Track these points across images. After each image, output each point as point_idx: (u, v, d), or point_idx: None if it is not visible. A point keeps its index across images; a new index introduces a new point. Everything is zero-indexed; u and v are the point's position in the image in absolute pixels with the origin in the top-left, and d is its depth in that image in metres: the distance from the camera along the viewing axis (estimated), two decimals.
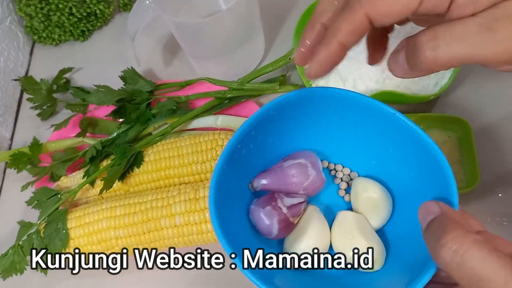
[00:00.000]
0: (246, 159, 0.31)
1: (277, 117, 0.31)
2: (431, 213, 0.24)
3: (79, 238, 0.43)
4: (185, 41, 0.51)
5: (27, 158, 0.49)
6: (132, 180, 0.47)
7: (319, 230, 0.30)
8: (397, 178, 0.32)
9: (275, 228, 0.29)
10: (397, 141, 0.31)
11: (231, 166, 0.29)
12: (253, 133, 0.31)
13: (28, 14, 0.60)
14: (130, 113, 0.49)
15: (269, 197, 0.30)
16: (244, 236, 0.30)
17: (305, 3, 0.52)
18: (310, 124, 0.33)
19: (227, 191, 0.29)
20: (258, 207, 0.30)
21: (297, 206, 0.30)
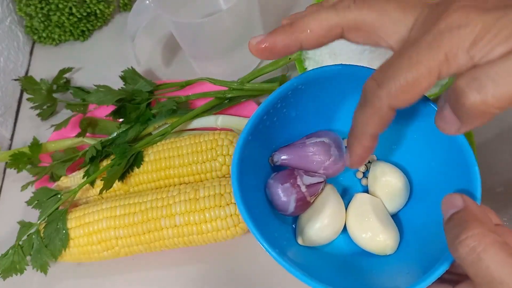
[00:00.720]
0: (269, 131, 0.30)
1: (304, 92, 0.30)
2: (455, 206, 0.24)
3: (79, 238, 0.43)
4: (185, 41, 0.51)
5: (27, 158, 0.49)
6: (132, 180, 0.47)
7: (335, 210, 0.30)
8: (418, 165, 0.31)
9: (291, 206, 0.29)
10: (422, 128, 0.30)
11: (255, 136, 0.29)
12: (279, 105, 0.30)
13: (28, 14, 0.60)
14: (130, 113, 0.49)
15: (288, 173, 0.30)
16: (261, 207, 0.29)
17: (305, 3, 0.52)
18: (335, 103, 0.32)
19: (249, 161, 0.28)
20: (276, 182, 0.29)
21: (315, 185, 0.29)
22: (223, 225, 0.41)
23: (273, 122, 0.31)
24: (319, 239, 0.30)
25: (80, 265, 0.48)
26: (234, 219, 0.40)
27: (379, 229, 0.30)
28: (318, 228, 0.30)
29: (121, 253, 0.44)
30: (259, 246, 0.46)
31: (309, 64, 0.51)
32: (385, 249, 0.30)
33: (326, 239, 0.31)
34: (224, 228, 0.41)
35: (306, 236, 0.30)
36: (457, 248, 0.23)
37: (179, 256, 0.46)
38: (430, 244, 0.27)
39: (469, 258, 0.22)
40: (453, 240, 0.23)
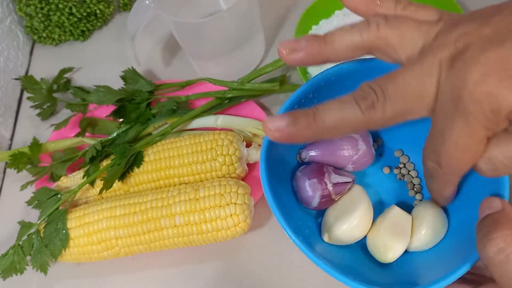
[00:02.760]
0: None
1: (336, 84, 0.30)
2: (492, 208, 0.25)
3: (79, 238, 0.43)
4: (185, 41, 0.51)
5: (27, 158, 0.49)
6: (132, 180, 0.47)
7: (365, 212, 0.30)
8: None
9: (315, 201, 0.29)
10: None
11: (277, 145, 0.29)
12: (311, 96, 0.30)
13: (28, 14, 0.60)
14: (130, 113, 0.49)
15: (317, 168, 0.30)
16: (286, 197, 0.30)
17: (305, 3, 0.52)
18: None
19: (276, 151, 0.29)
20: (304, 176, 0.29)
21: (343, 184, 0.29)
22: (223, 225, 0.41)
23: None
24: (346, 239, 0.30)
25: (80, 265, 0.48)
26: (234, 219, 0.40)
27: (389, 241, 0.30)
28: (346, 228, 0.30)
29: (121, 253, 0.44)
30: (260, 246, 0.46)
31: None
32: (385, 259, 0.30)
33: (353, 239, 0.31)
34: (224, 228, 0.41)
35: (333, 234, 0.30)
36: (485, 246, 0.23)
37: (179, 256, 0.46)
38: (456, 245, 0.27)
39: (496, 258, 0.22)
40: (483, 238, 0.23)
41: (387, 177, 0.33)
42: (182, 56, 0.59)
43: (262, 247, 0.45)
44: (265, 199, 0.46)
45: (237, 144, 0.45)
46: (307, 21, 0.52)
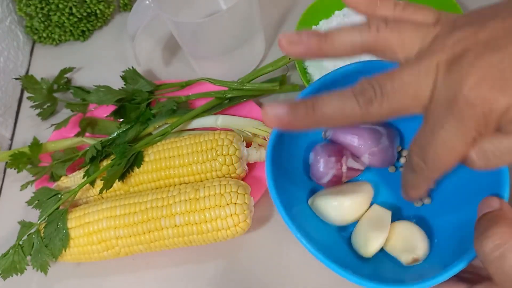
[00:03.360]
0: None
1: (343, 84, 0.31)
2: (490, 207, 0.25)
3: (79, 237, 0.43)
4: (185, 41, 0.51)
5: (27, 158, 0.49)
6: (132, 180, 0.47)
7: (358, 207, 0.31)
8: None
9: (326, 178, 0.31)
10: None
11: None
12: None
13: (28, 14, 0.60)
14: (130, 113, 0.50)
15: (338, 148, 0.31)
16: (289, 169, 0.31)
17: (305, 3, 0.52)
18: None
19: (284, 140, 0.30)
20: (323, 152, 0.30)
21: (355, 171, 0.31)
22: (223, 225, 0.41)
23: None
24: (327, 214, 0.31)
25: (80, 265, 0.48)
26: (234, 219, 0.40)
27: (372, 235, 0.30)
28: (335, 206, 0.31)
29: (121, 253, 0.44)
30: (260, 246, 0.46)
31: (309, 64, 0.51)
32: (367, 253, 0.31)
33: (333, 218, 0.31)
34: (224, 228, 0.41)
35: (319, 202, 0.31)
36: (482, 243, 0.23)
37: (179, 256, 0.46)
38: (454, 242, 0.27)
39: (492, 255, 0.23)
40: (480, 235, 0.24)
41: (391, 175, 0.33)
42: (182, 56, 0.59)
43: (262, 247, 0.45)
44: (264, 199, 0.46)
45: (237, 144, 0.45)
46: (307, 21, 0.52)
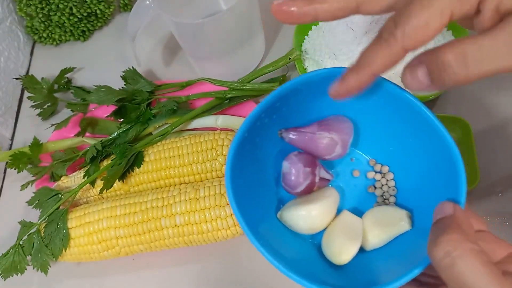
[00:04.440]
0: (268, 126, 0.32)
1: (304, 93, 0.31)
2: (443, 213, 0.25)
3: (80, 237, 0.43)
4: (185, 41, 0.51)
5: (27, 158, 0.49)
6: (133, 180, 0.47)
7: (326, 213, 0.31)
8: (410, 167, 0.32)
9: (300, 188, 0.31)
10: (417, 132, 0.31)
11: (252, 132, 0.30)
12: (278, 104, 0.31)
13: (29, 14, 0.60)
14: (131, 113, 0.50)
15: (311, 159, 0.31)
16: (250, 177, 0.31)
17: None
18: (335, 105, 0.31)
19: (246, 152, 0.30)
20: (299, 162, 0.31)
21: (325, 180, 0.31)
22: (223, 224, 0.41)
23: (272, 119, 0.32)
24: (296, 225, 0.31)
25: (81, 264, 0.48)
26: (234, 219, 0.40)
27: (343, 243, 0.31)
28: (302, 215, 0.31)
29: (121, 253, 0.44)
30: None
31: (309, 64, 0.51)
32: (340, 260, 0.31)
33: (303, 229, 0.31)
34: (224, 227, 0.41)
35: (287, 214, 0.31)
36: (433, 250, 0.23)
37: (179, 256, 0.46)
38: (414, 248, 0.27)
39: (443, 261, 0.23)
40: (432, 241, 0.24)
41: (355, 181, 0.34)
42: (182, 56, 0.59)
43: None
44: None
45: None
46: (305, 26, 0.52)
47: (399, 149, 0.32)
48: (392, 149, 0.33)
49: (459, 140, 0.45)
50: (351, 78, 0.27)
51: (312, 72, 0.30)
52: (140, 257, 0.47)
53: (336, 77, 0.28)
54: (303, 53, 0.51)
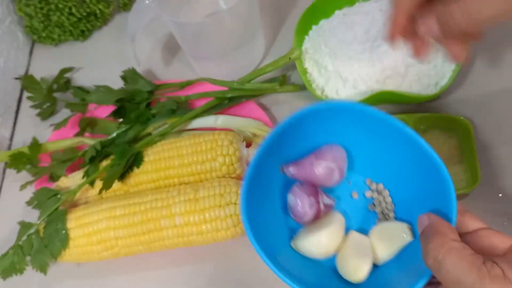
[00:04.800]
0: (271, 162, 0.34)
1: (299, 126, 0.34)
2: (422, 225, 0.29)
3: (79, 238, 0.43)
4: (185, 41, 0.51)
5: (26, 158, 0.49)
6: (132, 180, 0.47)
7: (335, 236, 0.33)
8: (402, 183, 0.34)
9: (307, 217, 0.33)
10: (404, 150, 0.33)
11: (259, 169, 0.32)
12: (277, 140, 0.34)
13: (28, 14, 0.60)
14: (130, 113, 0.49)
15: (313, 189, 0.33)
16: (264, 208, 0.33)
17: (305, 3, 0.52)
18: (327, 134, 0.35)
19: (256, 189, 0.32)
20: (303, 193, 0.33)
21: (329, 206, 0.33)
22: (223, 225, 0.41)
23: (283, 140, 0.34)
24: (310, 251, 0.33)
25: (80, 265, 0.48)
26: (234, 219, 0.40)
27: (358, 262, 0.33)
28: (313, 242, 0.33)
29: (121, 253, 0.44)
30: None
31: (309, 64, 0.51)
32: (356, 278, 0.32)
33: (317, 254, 0.33)
34: (224, 228, 0.41)
35: (300, 243, 0.34)
36: (425, 259, 0.27)
37: (179, 257, 0.46)
38: (419, 257, 0.29)
39: (434, 267, 0.26)
40: (423, 252, 0.27)
41: (356, 202, 0.36)
42: (182, 56, 0.59)
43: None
44: None
45: (237, 144, 0.45)
46: (307, 21, 0.52)
47: (390, 167, 0.35)
48: (384, 167, 0.35)
49: (459, 141, 0.45)
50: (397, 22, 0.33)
51: (305, 108, 0.33)
52: (140, 257, 0.47)
53: (327, 110, 0.32)
54: (304, 53, 0.51)
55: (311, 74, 0.50)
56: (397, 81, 0.46)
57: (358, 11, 0.47)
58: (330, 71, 0.48)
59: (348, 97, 0.48)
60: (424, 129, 0.46)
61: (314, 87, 0.50)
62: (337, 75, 0.48)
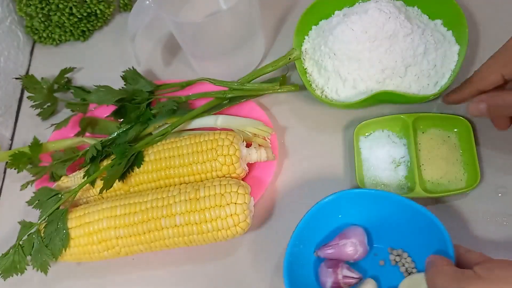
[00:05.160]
0: (302, 249, 0.42)
1: (320, 216, 0.42)
2: (426, 262, 0.36)
3: (80, 237, 0.43)
4: (185, 41, 0.51)
5: (27, 158, 0.49)
6: (133, 180, 0.47)
7: None
8: (417, 244, 0.41)
9: (328, 284, 0.41)
10: (411, 218, 0.40)
11: (293, 255, 0.41)
12: (305, 230, 0.42)
13: (28, 14, 0.60)
14: (130, 113, 0.50)
15: (335, 263, 0.41)
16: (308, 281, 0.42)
17: (305, 3, 0.52)
18: (344, 218, 0.43)
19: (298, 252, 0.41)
20: (325, 266, 0.41)
21: (351, 278, 0.40)
22: (223, 224, 0.41)
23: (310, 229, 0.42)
24: None
25: (80, 264, 0.48)
26: (234, 219, 0.40)
27: None
28: None
29: (121, 253, 0.44)
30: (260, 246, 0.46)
31: (309, 64, 0.51)
32: None
33: None
34: (224, 227, 0.41)
35: None
36: (428, 285, 0.35)
37: (179, 256, 0.46)
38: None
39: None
40: (426, 281, 0.35)
41: (383, 268, 0.42)
42: (182, 56, 0.59)
43: (262, 247, 0.46)
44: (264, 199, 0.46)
45: (237, 144, 0.45)
46: (307, 22, 0.52)
47: (405, 233, 0.41)
48: (400, 234, 0.42)
49: (459, 140, 0.45)
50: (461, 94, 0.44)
51: (324, 199, 0.41)
52: (140, 257, 0.47)
53: (343, 199, 0.41)
54: (303, 53, 0.51)
55: (311, 74, 0.51)
56: (397, 81, 0.46)
57: (358, 11, 0.47)
58: (330, 71, 0.48)
59: (347, 97, 0.48)
60: (424, 129, 0.46)
61: (314, 87, 0.50)
62: (336, 75, 0.48)
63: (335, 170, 0.48)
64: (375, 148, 0.47)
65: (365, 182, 0.46)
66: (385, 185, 0.46)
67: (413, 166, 0.44)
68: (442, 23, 0.49)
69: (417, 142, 0.46)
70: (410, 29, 0.46)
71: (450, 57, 0.47)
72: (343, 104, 0.48)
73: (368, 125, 0.47)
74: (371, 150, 0.47)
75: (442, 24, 0.49)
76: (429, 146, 0.46)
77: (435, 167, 0.45)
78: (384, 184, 0.46)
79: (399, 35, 0.46)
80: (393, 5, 0.47)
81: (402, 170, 0.46)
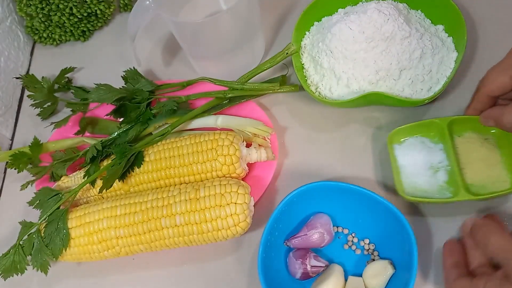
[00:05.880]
0: (275, 238, 0.43)
1: (293, 204, 0.44)
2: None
3: (80, 237, 0.43)
4: (185, 41, 0.51)
5: (27, 158, 0.49)
6: (133, 180, 0.47)
7: (338, 283, 0.42)
8: (378, 231, 0.44)
9: (298, 275, 0.43)
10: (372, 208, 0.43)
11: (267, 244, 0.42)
12: (278, 219, 0.43)
13: (29, 14, 0.61)
14: (131, 113, 0.50)
15: (303, 253, 0.43)
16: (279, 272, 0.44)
17: (305, 3, 0.52)
18: (313, 206, 0.45)
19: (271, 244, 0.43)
20: (293, 257, 0.44)
21: (318, 267, 0.43)
22: (224, 224, 0.41)
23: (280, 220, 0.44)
24: None
25: (81, 264, 0.48)
26: (234, 219, 0.40)
27: None
28: None
29: (121, 253, 0.44)
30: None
31: (306, 60, 0.51)
32: None
33: None
34: (224, 227, 0.41)
35: None
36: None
37: (180, 256, 0.46)
38: (402, 283, 0.39)
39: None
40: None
41: (347, 251, 0.45)
42: (182, 56, 0.59)
43: None
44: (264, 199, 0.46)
45: (237, 144, 0.45)
46: (309, 17, 0.52)
47: (368, 220, 0.44)
48: (361, 221, 0.44)
49: (497, 141, 0.44)
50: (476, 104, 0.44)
51: (296, 189, 0.43)
52: (140, 257, 0.47)
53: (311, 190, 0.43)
54: (302, 48, 0.51)
55: (307, 70, 0.51)
56: (390, 83, 0.46)
57: (358, 10, 0.47)
58: (325, 69, 0.48)
59: (340, 95, 0.48)
60: (459, 133, 0.45)
61: (309, 83, 0.50)
62: (331, 73, 0.48)
63: (335, 169, 0.48)
64: (411, 155, 0.46)
65: (404, 189, 0.44)
66: (425, 191, 0.44)
67: (453, 170, 0.43)
68: (444, 29, 0.49)
69: (455, 146, 0.44)
70: (408, 32, 0.46)
71: (447, 64, 0.47)
72: (334, 102, 0.48)
73: (400, 132, 0.46)
74: (407, 157, 0.46)
75: (443, 30, 0.49)
76: (467, 149, 0.44)
77: (475, 170, 0.43)
78: (424, 190, 0.44)
79: (397, 38, 0.45)
80: (394, 7, 0.47)
81: (442, 175, 0.44)
